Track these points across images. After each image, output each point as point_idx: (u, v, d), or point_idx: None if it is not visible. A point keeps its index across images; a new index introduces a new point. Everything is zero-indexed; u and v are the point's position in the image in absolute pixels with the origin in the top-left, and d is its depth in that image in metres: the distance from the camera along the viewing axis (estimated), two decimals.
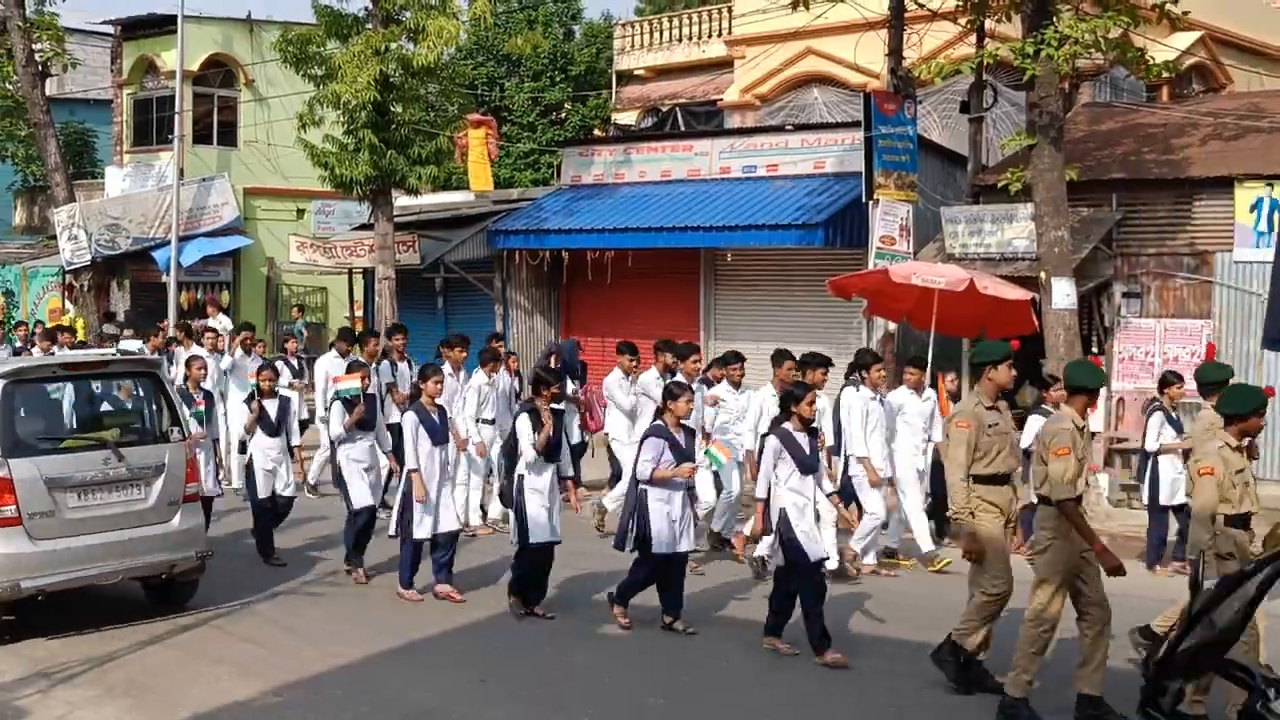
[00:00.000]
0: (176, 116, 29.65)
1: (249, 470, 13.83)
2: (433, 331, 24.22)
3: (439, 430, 12.08)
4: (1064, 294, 16.42)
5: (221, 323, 25.30)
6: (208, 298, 30.42)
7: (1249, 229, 17.65)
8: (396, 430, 13.64)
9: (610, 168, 25.22)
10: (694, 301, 23.70)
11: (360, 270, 27.97)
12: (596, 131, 33.36)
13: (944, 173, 21.69)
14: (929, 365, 14.92)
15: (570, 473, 12.25)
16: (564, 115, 34.76)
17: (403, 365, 16.40)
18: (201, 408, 13.94)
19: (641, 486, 10.90)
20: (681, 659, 10.39)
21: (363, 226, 27.84)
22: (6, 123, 35.47)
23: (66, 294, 32.22)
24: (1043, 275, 16.56)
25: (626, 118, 34.16)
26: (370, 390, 13.64)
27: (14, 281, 34.95)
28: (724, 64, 30.87)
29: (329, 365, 15.97)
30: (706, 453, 11.87)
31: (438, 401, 12.27)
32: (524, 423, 11.38)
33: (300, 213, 32.61)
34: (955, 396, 15.38)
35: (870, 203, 19.10)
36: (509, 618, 11.50)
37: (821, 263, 20.81)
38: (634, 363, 15.26)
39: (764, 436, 11.03)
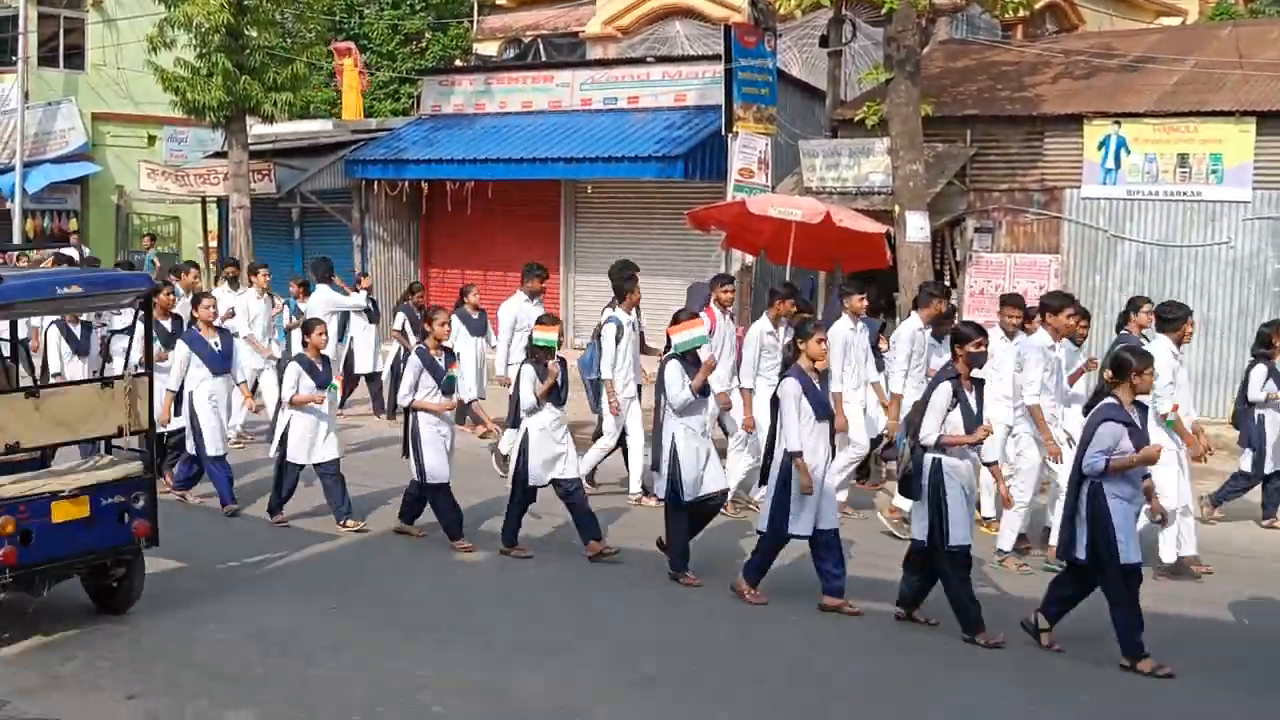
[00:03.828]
0: (20, 37, 28.64)
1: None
2: (289, 262, 23.88)
3: (823, 403, 9.81)
4: (917, 228, 16.65)
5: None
6: (54, 227, 29.59)
7: (1097, 166, 18.06)
8: None
9: (471, 98, 24.93)
10: (554, 233, 23.62)
11: (214, 199, 27.35)
12: (458, 62, 32.90)
13: (803, 107, 21.81)
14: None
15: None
16: (424, 44, 34.18)
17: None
18: None
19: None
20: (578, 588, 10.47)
21: (216, 154, 27.21)
22: None
23: None
24: (897, 209, 16.77)
25: (488, 48, 33.79)
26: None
27: None
28: None
29: (518, 309, 14.14)
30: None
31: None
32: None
33: (151, 139, 31.74)
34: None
35: (729, 135, 19.15)
36: (351, 547, 11.46)
37: (681, 195, 20.84)
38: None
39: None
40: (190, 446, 12.60)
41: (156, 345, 12.53)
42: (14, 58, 29.29)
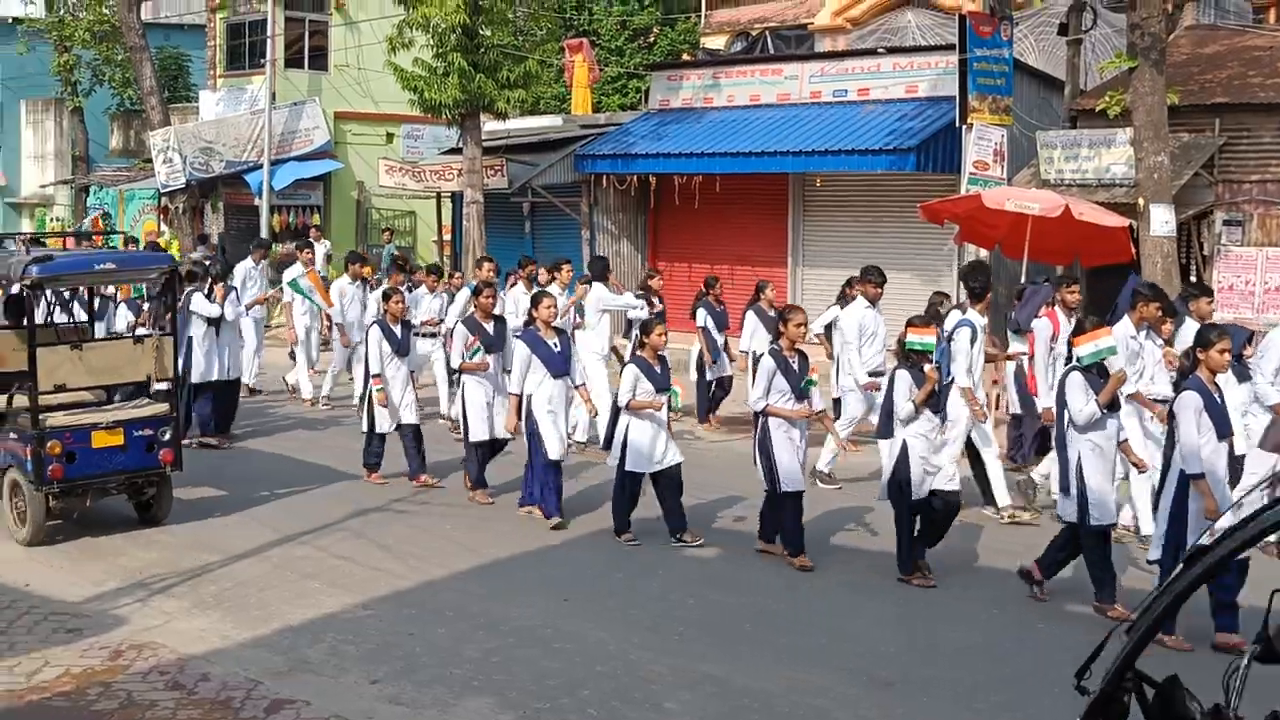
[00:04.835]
0: (269, 41, 29.82)
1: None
2: (520, 255, 24.28)
3: (1225, 417, 9.17)
4: (1162, 221, 16.06)
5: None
6: (299, 222, 30.73)
7: None
8: None
9: (699, 92, 24.98)
10: (782, 227, 23.50)
11: (448, 194, 28.05)
12: (685, 56, 33.00)
13: (1040, 97, 21.25)
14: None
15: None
16: (652, 39, 34.39)
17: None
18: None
19: None
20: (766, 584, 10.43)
21: (451, 151, 27.89)
22: (103, 47, 35.99)
23: (162, 216, 32.68)
24: (1141, 202, 16.20)
25: (715, 42, 33.75)
26: None
27: (111, 203, 35.45)
28: None
29: (860, 316, 14.07)
30: None
31: None
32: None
33: (389, 137, 32.72)
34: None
35: (964, 127, 18.79)
36: (586, 541, 11.60)
37: (913, 188, 20.52)
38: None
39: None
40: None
41: (480, 353, 12.72)
42: (263, 60, 30.49)
